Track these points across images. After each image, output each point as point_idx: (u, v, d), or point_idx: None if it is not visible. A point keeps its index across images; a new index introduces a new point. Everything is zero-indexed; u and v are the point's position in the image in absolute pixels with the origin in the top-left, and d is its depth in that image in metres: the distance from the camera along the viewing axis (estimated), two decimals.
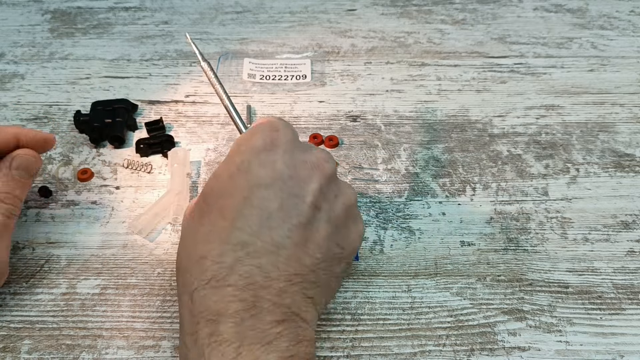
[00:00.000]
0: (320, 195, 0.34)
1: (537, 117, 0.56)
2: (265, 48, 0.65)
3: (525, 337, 0.40)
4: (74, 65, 0.63)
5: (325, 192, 0.35)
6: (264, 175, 0.33)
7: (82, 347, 0.39)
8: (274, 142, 0.35)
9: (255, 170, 0.34)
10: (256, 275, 0.32)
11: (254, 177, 0.33)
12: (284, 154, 0.34)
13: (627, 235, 0.46)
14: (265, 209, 0.33)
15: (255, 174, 0.34)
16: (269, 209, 0.33)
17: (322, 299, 0.35)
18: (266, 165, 0.34)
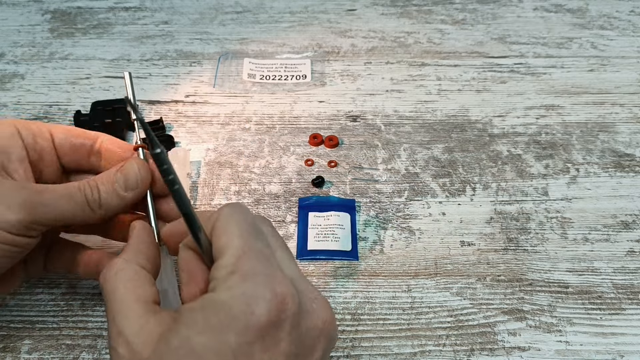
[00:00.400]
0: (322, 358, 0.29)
1: (537, 117, 0.56)
2: (265, 48, 0.65)
3: (525, 337, 0.40)
4: (74, 65, 0.63)
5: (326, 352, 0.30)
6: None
7: (82, 347, 0.39)
8: (281, 314, 0.27)
9: (259, 358, 0.26)
10: None
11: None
12: (291, 332, 0.27)
13: (627, 235, 0.46)
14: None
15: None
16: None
17: None
18: (271, 349, 0.26)
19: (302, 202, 0.48)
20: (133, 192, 0.35)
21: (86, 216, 0.34)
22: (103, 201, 0.34)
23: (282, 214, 0.48)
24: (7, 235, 0.31)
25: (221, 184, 0.50)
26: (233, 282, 0.27)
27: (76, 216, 0.33)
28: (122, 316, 0.28)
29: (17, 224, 0.31)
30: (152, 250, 0.33)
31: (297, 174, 0.51)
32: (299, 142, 0.54)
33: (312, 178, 0.50)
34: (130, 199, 0.35)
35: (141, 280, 0.30)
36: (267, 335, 0.26)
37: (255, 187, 0.50)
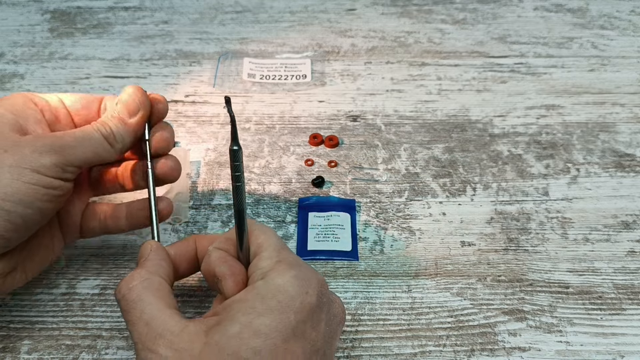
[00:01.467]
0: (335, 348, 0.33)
1: (538, 117, 0.56)
2: (265, 48, 0.65)
3: (526, 338, 0.40)
4: (74, 65, 0.63)
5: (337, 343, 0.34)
6: (315, 340, 0.30)
7: (82, 347, 0.39)
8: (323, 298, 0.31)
9: (309, 334, 0.30)
10: None
11: (309, 344, 0.30)
12: (327, 313, 0.32)
13: (627, 235, 0.46)
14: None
15: (309, 339, 0.30)
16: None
17: None
18: (316, 327, 0.30)
19: (302, 202, 0.48)
20: (137, 117, 0.37)
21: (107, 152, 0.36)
22: (116, 133, 0.36)
23: (282, 214, 0.48)
24: (47, 179, 0.33)
25: (221, 184, 0.50)
26: (283, 269, 0.31)
27: (99, 154, 0.36)
28: (159, 321, 0.29)
29: (52, 167, 0.33)
30: (170, 269, 0.35)
31: (297, 174, 0.51)
32: (299, 142, 0.54)
33: (312, 178, 0.50)
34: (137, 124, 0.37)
35: (166, 291, 0.32)
36: (314, 314, 0.30)
37: (255, 187, 0.50)
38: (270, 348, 0.28)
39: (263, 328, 0.28)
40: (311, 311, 0.30)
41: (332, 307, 0.32)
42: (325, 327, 0.31)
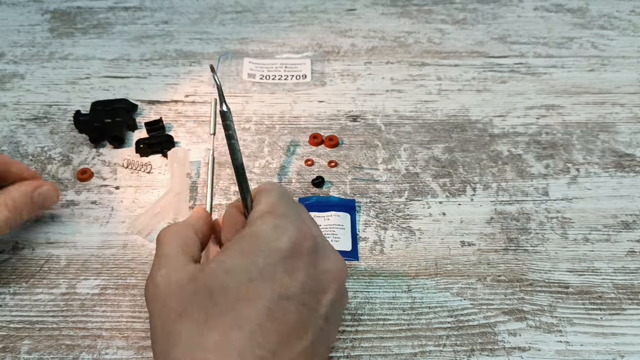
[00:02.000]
0: (332, 307, 0.33)
1: (538, 117, 0.56)
2: (265, 48, 0.65)
3: (526, 338, 0.40)
4: (74, 65, 0.63)
5: (336, 303, 0.34)
6: (289, 286, 0.31)
7: (82, 347, 0.39)
8: (301, 248, 0.32)
9: (280, 279, 0.31)
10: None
11: (279, 287, 0.30)
12: (308, 264, 0.32)
13: (627, 235, 0.46)
14: (285, 323, 0.30)
15: (280, 284, 0.31)
16: (289, 324, 0.30)
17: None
18: (291, 274, 0.31)
19: (302, 202, 0.48)
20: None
21: None
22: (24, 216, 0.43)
23: None
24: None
25: (221, 184, 0.50)
26: (267, 218, 0.33)
27: None
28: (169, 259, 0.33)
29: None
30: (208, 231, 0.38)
31: (297, 174, 0.51)
32: (299, 142, 0.54)
33: (312, 178, 0.50)
34: None
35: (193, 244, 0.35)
36: (287, 260, 0.31)
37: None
38: (236, 285, 0.30)
39: (233, 267, 0.31)
40: (283, 257, 0.31)
41: (321, 262, 0.33)
42: (305, 278, 0.31)
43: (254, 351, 0.29)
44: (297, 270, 0.31)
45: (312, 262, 0.32)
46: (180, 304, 0.31)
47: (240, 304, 0.30)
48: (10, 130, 0.55)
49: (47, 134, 0.55)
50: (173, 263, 0.33)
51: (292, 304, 0.31)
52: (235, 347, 0.29)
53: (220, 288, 0.30)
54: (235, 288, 0.30)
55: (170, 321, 0.31)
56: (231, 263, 0.31)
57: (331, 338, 0.35)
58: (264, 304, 0.30)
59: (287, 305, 0.31)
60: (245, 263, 0.31)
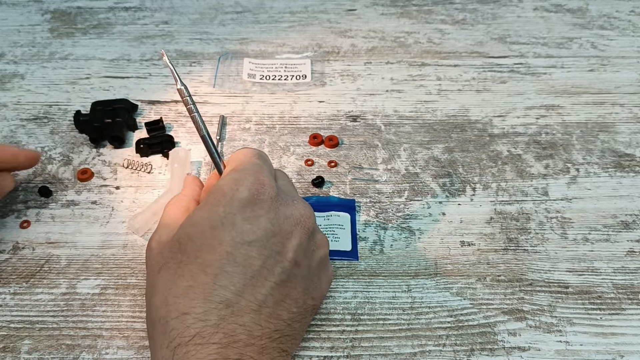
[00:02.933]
0: (300, 250, 0.34)
1: (537, 117, 0.56)
2: (265, 48, 0.65)
3: (525, 337, 0.40)
4: (74, 65, 0.63)
5: (304, 247, 0.35)
6: (249, 232, 0.33)
7: (82, 347, 0.39)
8: (260, 196, 0.34)
9: (240, 226, 0.33)
10: (240, 334, 0.31)
11: (239, 233, 0.33)
12: (269, 211, 0.34)
13: (627, 235, 0.46)
14: (248, 266, 0.32)
15: (240, 230, 0.33)
16: (253, 267, 0.32)
17: (294, 348, 0.36)
18: (251, 221, 0.33)
19: None
20: None
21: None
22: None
23: None
24: None
25: None
26: (229, 174, 0.35)
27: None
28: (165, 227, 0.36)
29: None
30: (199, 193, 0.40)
31: (297, 174, 0.51)
32: (299, 142, 0.54)
33: (312, 178, 0.50)
34: None
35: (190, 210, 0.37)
36: (247, 208, 0.33)
37: None
38: (199, 234, 0.33)
39: (197, 219, 0.34)
40: (241, 205, 0.33)
41: (283, 209, 0.35)
42: (266, 223, 0.33)
43: (218, 293, 0.32)
44: (257, 217, 0.33)
45: (273, 208, 0.34)
46: (162, 257, 0.34)
47: (204, 250, 0.32)
48: (10, 130, 0.55)
49: (47, 134, 0.55)
50: (167, 229, 0.36)
51: (253, 249, 0.33)
52: (201, 290, 0.32)
53: (187, 239, 0.33)
54: (199, 237, 0.33)
55: (153, 274, 0.34)
56: (196, 215, 0.34)
57: (309, 284, 0.36)
58: (225, 249, 0.32)
59: (249, 250, 0.33)
60: (207, 213, 0.33)
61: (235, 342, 0.31)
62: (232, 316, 0.32)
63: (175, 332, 0.31)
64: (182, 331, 0.31)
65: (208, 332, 0.31)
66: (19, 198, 0.49)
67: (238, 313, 0.32)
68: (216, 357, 0.30)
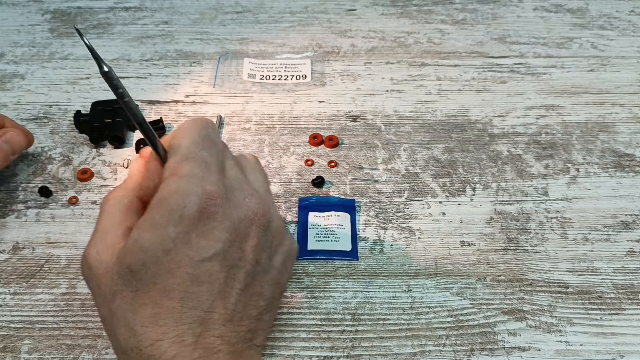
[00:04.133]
0: (259, 249, 0.33)
1: (537, 117, 0.56)
2: (265, 48, 0.65)
3: (525, 337, 0.40)
4: (74, 65, 0.63)
5: (263, 244, 0.34)
6: (206, 247, 0.31)
7: (82, 347, 0.39)
8: (210, 208, 0.31)
9: (196, 244, 0.31)
10: (219, 345, 0.31)
11: (196, 252, 0.31)
12: (222, 220, 0.32)
13: (627, 235, 0.46)
14: (214, 282, 0.31)
15: (196, 248, 0.31)
16: (218, 281, 0.31)
17: (266, 338, 0.36)
18: (206, 235, 0.31)
19: (302, 202, 0.48)
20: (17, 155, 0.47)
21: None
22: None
23: (282, 214, 0.48)
24: None
25: None
26: (172, 181, 0.32)
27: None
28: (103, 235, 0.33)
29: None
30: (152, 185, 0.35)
31: (297, 174, 0.51)
32: (299, 142, 0.54)
33: (312, 178, 0.50)
34: None
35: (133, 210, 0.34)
36: (200, 224, 0.31)
37: None
38: (152, 261, 0.30)
39: (146, 243, 0.30)
40: (192, 222, 0.31)
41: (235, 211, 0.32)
42: (221, 234, 0.31)
43: (188, 315, 0.30)
44: (211, 229, 0.31)
45: (226, 216, 0.32)
46: (112, 284, 0.31)
47: (162, 276, 0.30)
48: None
49: (47, 134, 0.55)
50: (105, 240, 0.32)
51: (214, 263, 0.31)
52: (169, 315, 0.30)
53: (140, 265, 0.30)
54: (153, 264, 0.30)
55: (108, 302, 0.31)
56: (144, 239, 0.31)
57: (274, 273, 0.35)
58: (185, 271, 0.30)
59: (210, 266, 0.31)
60: (157, 237, 0.30)
61: (216, 354, 0.31)
62: (207, 331, 0.31)
63: (154, 359, 0.30)
64: (160, 356, 0.30)
65: (187, 351, 0.30)
66: (19, 198, 0.49)
67: (212, 327, 0.31)
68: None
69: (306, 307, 0.42)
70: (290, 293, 0.42)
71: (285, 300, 0.42)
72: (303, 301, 0.42)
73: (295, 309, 0.41)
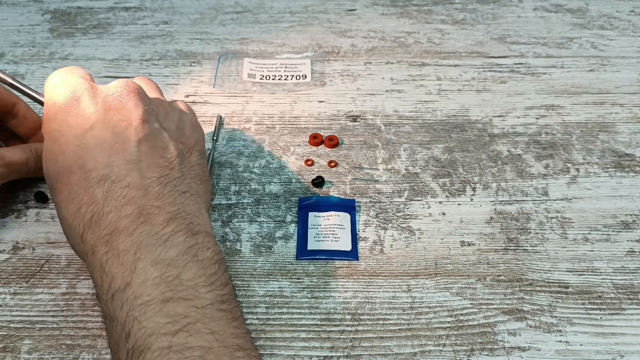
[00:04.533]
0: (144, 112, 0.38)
1: (537, 117, 0.56)
2: (265, 48, 0.65)
3: (525, 337, 0.40)
4: (74, 65, 0.62)
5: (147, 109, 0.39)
6: (83, 122, 0.36)
7: (82, 347, 0.39)
8: (76, 93, 0.38)
9: (74, 121, 0.36)
10: (131, 191, 0.35)
11: (74, 129, 0.36)
12: (90, 98, 0.37)
13: (627, 235, 0.46)
14: (102, 143, 0.36)
15: (74, 126, 0.36)
16: (107, 141, 0.36)
17: (199, 191, 0.39)
18: (81, 114, 0.37)
19: (302, 202, 0.48)
20: None
21: None
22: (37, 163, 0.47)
23: (282, 214, 0.48)
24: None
25: (221, 184, 0.50)
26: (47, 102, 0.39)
27: None
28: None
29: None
30: None
31: (297, 174, 0.51)
32: (299, 142, 0.54)
33: (312, 178, 0.50)
34: None
35: None
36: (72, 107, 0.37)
37: (255, 187, 0.50)
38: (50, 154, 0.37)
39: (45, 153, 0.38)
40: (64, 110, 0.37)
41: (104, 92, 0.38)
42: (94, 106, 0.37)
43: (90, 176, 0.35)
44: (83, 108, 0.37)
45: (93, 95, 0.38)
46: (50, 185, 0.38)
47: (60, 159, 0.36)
48: None
49: None
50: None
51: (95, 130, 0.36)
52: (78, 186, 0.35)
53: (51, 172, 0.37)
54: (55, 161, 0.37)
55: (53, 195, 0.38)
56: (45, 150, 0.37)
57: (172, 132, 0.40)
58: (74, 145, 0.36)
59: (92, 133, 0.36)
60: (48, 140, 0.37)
61: (130, 199, 0.34)
62: (114, 184, 0.35)
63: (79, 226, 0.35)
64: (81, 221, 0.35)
65: (100, 208, 0.34)
66: (19, 198, 0.49)
67: (118, 179, 0.35)
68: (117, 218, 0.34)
69: (306, 307, 0.42)
70: (290, 293, 0.42)
71: (285, 300, 0.42)
72: (303, 301, 0.42)
73: (295, 309, 0.41)
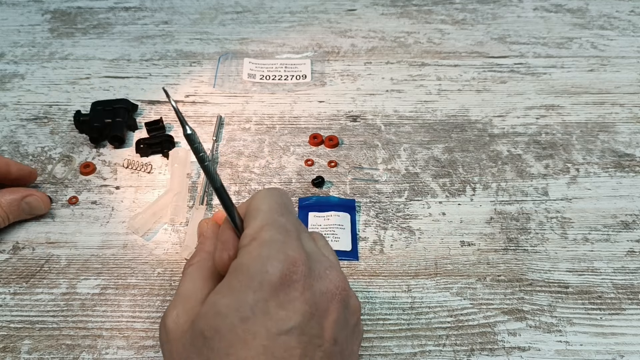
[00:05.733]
0: (337, 326, 0.31)
1: (537, 117, 0.56)
2: (265, 48, 0.65)
3: (525, 337, 0.40)
4: (74, 65, 0.63)
5: (342, 322, 0.32)
6: (285, 319, 0.29)
7: (82, 347, 0.39)
8: (292, 275, 0.29)
9: (275, 314, 0.28)
10: None
11: (274, 323, 0.28)
12: (303, 291, 0.29)
13: (627, 235, 0.46)
14: (288, 358, 0.28)
15: (275, 319, 0.28)
16: (293, 358, 0.28)
17: None
18: (286, 306, 0.29)
19: (302, 202, 0.48)
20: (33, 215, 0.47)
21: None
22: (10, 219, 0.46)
23: None
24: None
25: None
26: (252, 247, 0.30)
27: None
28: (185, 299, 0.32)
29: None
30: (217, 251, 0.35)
31: (297, 174, 0.51)
32: (299, 142, 0.54)
33: (312, 178, 0.50)
34: None
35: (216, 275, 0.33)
36: (281, 292, 0.29)
37: (255, 187, 0.50)
38: (227, 328, 0.28)
39: (223, 308, 0.29)
40: (274, 290, 0.29)
41: (318, 284, 0.31)
42: (302, 306, 0.29)
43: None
44: (291, 300, 0.29)
45: (307, 287, 0.30)
46: (184, 350, 0.30)
47: (236, 347, 0.28)
48: (10, 131, 0.55)
49: (47, 134, 0.55)
50: (186, 303, 0.32)
51: (292, 338, 0.28)
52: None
53: (213, 332, 0.28)
54: (228, 331, 0.28)
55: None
56: (221, 304, 0.29)
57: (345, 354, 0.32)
58: (261, 344, 0.28)
59: (287, 340, 0.28)
60: (234, 302, 0.29)
61: None
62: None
63: None
64: None
65: None
66: None
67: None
68: None
69: None
70: None
71: None
72: None
73: None
